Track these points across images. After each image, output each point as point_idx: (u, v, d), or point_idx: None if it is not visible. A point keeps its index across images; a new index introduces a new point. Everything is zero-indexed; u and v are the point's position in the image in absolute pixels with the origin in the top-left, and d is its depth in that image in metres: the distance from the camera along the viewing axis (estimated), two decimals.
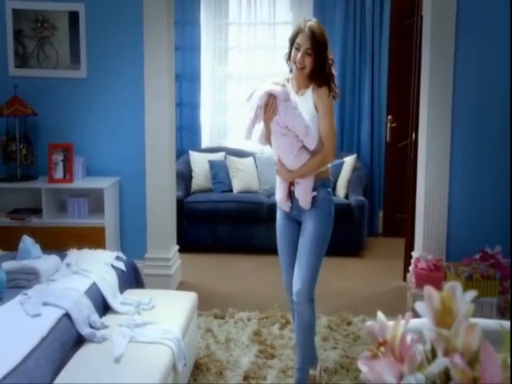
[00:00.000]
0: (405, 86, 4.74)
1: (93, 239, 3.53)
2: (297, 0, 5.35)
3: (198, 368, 2.79)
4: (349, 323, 3.32)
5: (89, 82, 3.90)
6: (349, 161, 4.91)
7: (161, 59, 3.79)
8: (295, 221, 2.49)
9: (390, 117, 4.99)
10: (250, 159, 5.14)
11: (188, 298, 2.77)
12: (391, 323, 0.76)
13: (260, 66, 5.40)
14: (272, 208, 4.70)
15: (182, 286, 3.93)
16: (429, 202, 3.61)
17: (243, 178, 5.01)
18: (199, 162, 5.10)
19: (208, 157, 5.11)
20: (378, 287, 4.01)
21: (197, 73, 5.33)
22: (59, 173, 3.69)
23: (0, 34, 3.90)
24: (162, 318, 2.48)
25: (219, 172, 5.01)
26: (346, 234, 4.65)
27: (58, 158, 3.71)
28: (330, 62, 2.38)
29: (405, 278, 3.97)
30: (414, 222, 3.82)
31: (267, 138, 2.49)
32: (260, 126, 2.45)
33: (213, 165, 5.04)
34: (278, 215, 2.60)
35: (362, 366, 0.72)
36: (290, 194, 2.45)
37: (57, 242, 3.37)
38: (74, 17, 3.92)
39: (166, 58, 3.82)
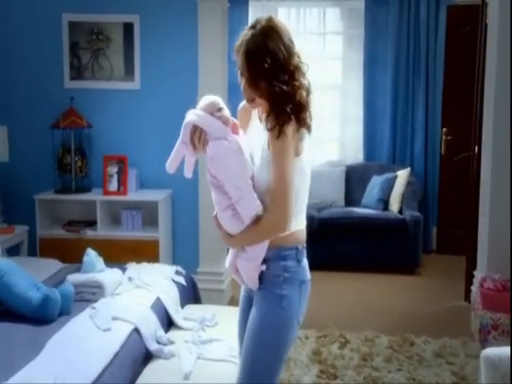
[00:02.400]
0: (461, 97, 4.69)
1: (147, 252, 3.58)
2: (347, 9, 5.37)
3: None
4: (411, 344, 3.26)
5: (142, 93, 3.98)
6: (402, 174, 4.86)
7: (215, 70, 3.84)
8: (250, 296, 1.78)
9: (444, 129, 4.94)
10: None
11: None
12: None
13: (309, 76, 5.39)
14: (324, 223, 4.74)
15: (234, 302, 3.93)
16: (494, 219, 3.52)
17: None
18: None
19: None
20: (437, 307, 3.93)
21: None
22: (113, 185, 3.76)
23: (56, 47, 4.02)
24: (227, 334, 2.48)
25: None
26: (401, 251, 4.59)
27: (113, 170, 3.78)
28: (297, 84, 1.62)
29: (466, 298, 3.88)
30: (474, 239, 3.74)
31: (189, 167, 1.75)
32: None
33: None
34: None
35: None
36: None
37: (111, 254, 3.41)
38: (128, 28, 4.02)
39: (220, 69, 3.87)
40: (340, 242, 4.66)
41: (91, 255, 2.70)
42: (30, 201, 3.77)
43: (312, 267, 4.80)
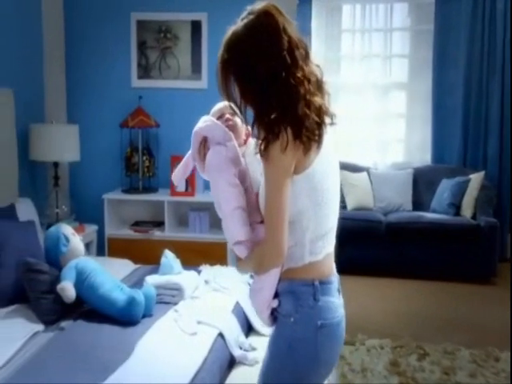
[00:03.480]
0: None
1: (215, 255, 3.58)
2: (416, 4, 5.24)
3: None
4: (496, 359, 3.13)
5: (209, 92, 3.98)
6: (476, 178, 4.70)
7: None
8: None
9: None
10: (364, 174, 5.05)
11: None
12: None
13: (375, 75, 5.32)
14: (391, 227, 4.64)
15: None
16: None
17: (357, 194, 4.92)
18: None
19: None
20: None
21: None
22: (181, 186, 3.78)
23: (124, 46, 4.09)
24: None
25: None
26: (474, 259, 4.44)
27: None
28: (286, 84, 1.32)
29: None
30: None
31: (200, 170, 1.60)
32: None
33: None
34: None
35: None
36: None
37: (179, 256, 3.43)
38: (196, 26, 4.04)
39: None
40: (408, 248, 4.54)
41: (169, 257, 2.71)
42: (98, 200, 3.84)
43: (378, 273, 4.70)
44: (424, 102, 5.21)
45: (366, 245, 4.62)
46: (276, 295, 1.44)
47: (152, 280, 2.58)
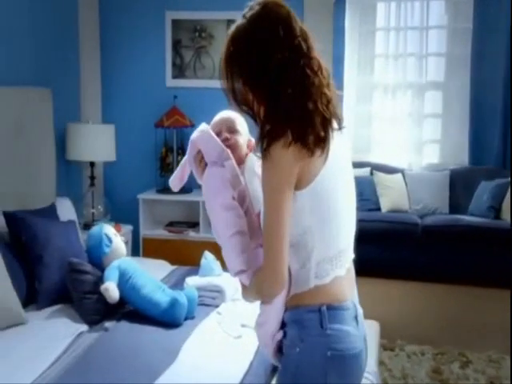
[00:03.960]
0: None
1: None
2: (453, 1, 5.16)
3: None
4: None
5: None
6: None
7: None
8: None
9: None
10: (399, 176, 4.99)
11: (372, 327, 2.67)
12: None
13: (410, 75, 5.26)
14: (428, 230, 4.57)
15: None
16: None
17: (392, 196, 4.86)
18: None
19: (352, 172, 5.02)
20: None
21: (339, 83, 5.28)
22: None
23: (159, 45, 4.11)
24: None
25: (365, 189, 4.89)
26: None
27: None
28: (288, 90, 1.21)
29: None
30: None
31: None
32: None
33: (358, 181, 4.88)
34: None
35: None
36: None
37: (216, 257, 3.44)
38: (231, 25, 4.03)
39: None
40: (445, 251, 4.47)
41: (209, 258, 2.71)
42: (132, 200, 3.86)
43: (413, 276, 4.62)
44: (461, 102, 5.12)
45: (401, 247, 4.56)
46: (282, 326, 1.31)
47: (192, 282, 2.58)
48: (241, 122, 1.46)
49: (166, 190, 3.96)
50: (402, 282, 4.42)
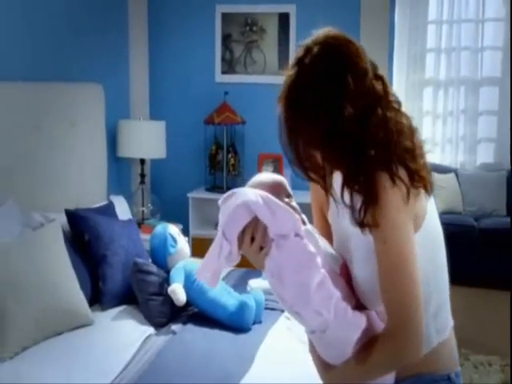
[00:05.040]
0: None
1: None
2: None
3: None
4: None
5: None
6: None
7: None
8: None
9: None
10: (452, 175, 4.87)
11: None
12: None
13: (464, 70, 5.12)
14: (485, 233, 4.45)
15: None
16: None
17: (445, 197, 4.75)
18: None
19: None
20: None
21: (389, 79, 5.18)
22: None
23: (209, 40, 4.08)
24: None
25: None
26: None
27: (268, 169, 3.76)
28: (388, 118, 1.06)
29: None
30: None
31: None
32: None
33: None
34: None
35: None
36: None
37: None
38: (283, 19, 3.98)
39: (382, 64, 3.74)
40: (505, 256, 4.34)
41: None
42: (182, 198, 3.84)
43: (470, 282, 4.49)
44: None
45: (457, 251, 4.43)
46: None
47: (257, 284, 2.54)
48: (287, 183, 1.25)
49: (215, 188, 3.93)
50: (458, 287, 4.30)
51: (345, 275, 1.14)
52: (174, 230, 2.48)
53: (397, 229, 1.02)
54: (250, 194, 1.11)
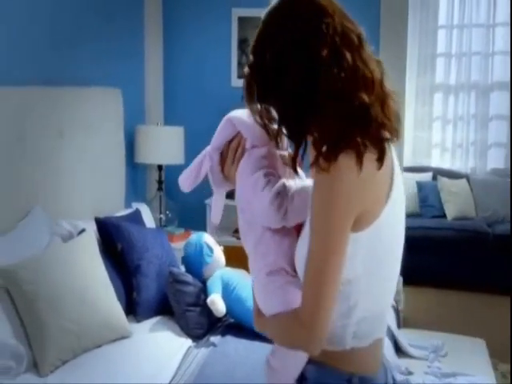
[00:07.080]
0: None
1: None
2: None
3: None
4: None
5: None
6: None
7: (396, 65, 3.76)
8: None
9: None
10: (464, 181, 4.91)
11: (478, 345, 2.61)
12: None
13: (474, 75, 5.17)
14: (499, 239, 4.48)
15: (407, 323, 3.78)
16: None
17: (457, 203, 4.78)
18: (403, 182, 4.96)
19: (414, 177, 4.94)
20: None
21: (399, 83, 5.21)
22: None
23: (225, 44, 4.06)
24: (467, 366, 2.34)
25: (429, 195, 4.82)
26: None
27: None
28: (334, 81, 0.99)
29: None
30: None
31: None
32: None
33: (421, 186, 4.86)
34: None
35: None
36: None
37: None
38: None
39: (399, 63, 3.79)
40: None
41: None
42: (200, 205, 3.81)
43: (487, 289, 4.49)
44: None
45: (470, 257, 4.47)
46: (299, 379, 1.12)
47: None
48: None
49: (232, 194, 3.91)
50: (471, 293, 4.33)
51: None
52: (209, 239, 2.46)
53: (331, 225, 0.95)
54: (239, 112, 1.24)
